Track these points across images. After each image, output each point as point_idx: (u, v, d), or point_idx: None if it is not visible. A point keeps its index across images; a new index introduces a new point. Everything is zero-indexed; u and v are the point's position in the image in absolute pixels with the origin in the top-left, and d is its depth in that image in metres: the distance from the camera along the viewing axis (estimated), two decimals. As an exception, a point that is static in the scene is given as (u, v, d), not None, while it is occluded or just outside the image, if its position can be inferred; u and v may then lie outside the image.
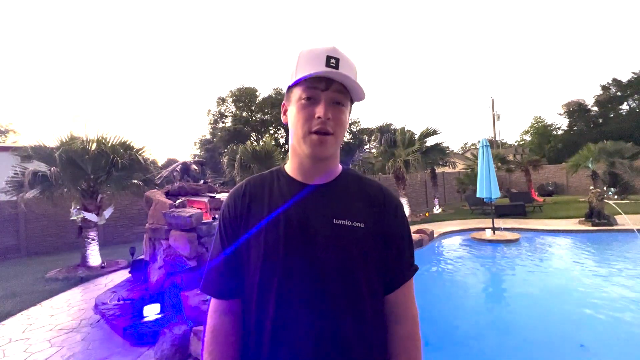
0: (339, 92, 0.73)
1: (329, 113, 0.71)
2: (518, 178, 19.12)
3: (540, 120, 37.70)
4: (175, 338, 2.71)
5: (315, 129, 0.71)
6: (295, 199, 0.77)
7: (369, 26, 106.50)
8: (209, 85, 62.31)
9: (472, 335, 3.29)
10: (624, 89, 27.72)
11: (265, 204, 0.78)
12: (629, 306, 3.67)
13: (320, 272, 0.72)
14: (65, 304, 4.38)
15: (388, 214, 0.79)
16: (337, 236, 0.73)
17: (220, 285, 0.79)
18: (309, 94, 0.72)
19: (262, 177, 0.86)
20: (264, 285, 0.73)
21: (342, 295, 0.72)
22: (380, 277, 0.78)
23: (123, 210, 9.52)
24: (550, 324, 3.39)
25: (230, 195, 0.85)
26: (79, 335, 3.36)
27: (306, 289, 0.71)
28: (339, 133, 0.74)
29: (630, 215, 8.05)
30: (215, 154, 23.27)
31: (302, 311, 0.70)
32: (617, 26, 73.04)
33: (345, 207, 0.77)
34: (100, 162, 6.01)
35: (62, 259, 7.34)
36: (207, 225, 3.76)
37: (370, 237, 0.75)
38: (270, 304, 0.72)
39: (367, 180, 0.85)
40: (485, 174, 7.49)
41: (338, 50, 0.73)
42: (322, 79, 0.71)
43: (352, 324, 0.72)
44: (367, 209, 0.78)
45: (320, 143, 0.72)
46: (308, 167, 0.79)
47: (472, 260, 6.07)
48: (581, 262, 5.52)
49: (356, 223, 0.75)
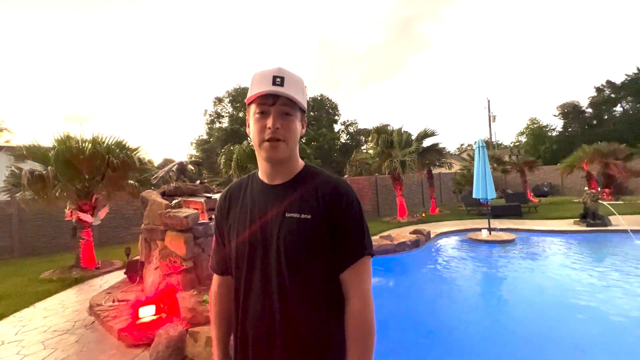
0: (286, 105, 0.84)
1: (277, 123, 0.83)
2: (514, 179, 19.24)
3: (535, 121, 37.99)
4: (171, 339, 2.69)
5: (267, 138, 0.84)
6: (259, 198, 0.92)
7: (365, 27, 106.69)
8: (205, 85, 62.11)
9: (467, 335, 3.30)
10: (617, 90, 28.05)
11: (240, 205, 0.95)
12: (624, 306, 3.70)
13: (274, 262, 0.84)
14: (59, 305, 4.34)
15: (335, 205, 0.86)
16: (287, 228, 0.85)
17: (215, 265, 1.04)
18: (261, 109, 0.85)
19: (240, 181, 1.03)
20: (237, 274, 0.92)
21: (291, 280, 0.83)
22: (328, 262, 0.86)
23: (118, 210, 9.45)
24: (544, 324, 3.41)
25: (218, 198, 1.05)
26: (73, 337, 3.32)
27: (263, 277, 0.85)
28: (289, 138, 0.86)
29: (624, 216, 8.13)
30: (212, 154, 23.20)
31: (260, 296, 0.85)
32: (611, 28, 73.90)
33: (295, 201, 0.88)
34: (95, 162, 5.96)
35: (57, 260, 7.27)
36: (204, 226, 3.74)
37: (316, 227, 0.84)
38: (239, 290, 0.90)
39: (322, 175, 0.93)
40: (481, 175, 7.53)
41: (284, 70, 0.86)
42: (270, 96, 0.83)
43: (299, 307, 0.83)
44: (316, 201, 0.87)
45: (272, 148, 0.85)
46: (269, 170, 0.92)
47: (468, 260, 6.09)
48: (576, 263, 5.55)
49: (303, 215, 0.85)
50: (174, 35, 75.41)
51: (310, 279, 0.84)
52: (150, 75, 72.13)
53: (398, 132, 11.82)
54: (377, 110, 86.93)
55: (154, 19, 77.19)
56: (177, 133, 66.25)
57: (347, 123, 31.38)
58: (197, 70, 67.17)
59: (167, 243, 3.70)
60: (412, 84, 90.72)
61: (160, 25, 76.71)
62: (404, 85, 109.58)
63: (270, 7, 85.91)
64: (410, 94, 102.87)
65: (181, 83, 66.26)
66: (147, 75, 72.51)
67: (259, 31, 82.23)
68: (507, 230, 7.98)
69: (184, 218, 3.53)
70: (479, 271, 5.52)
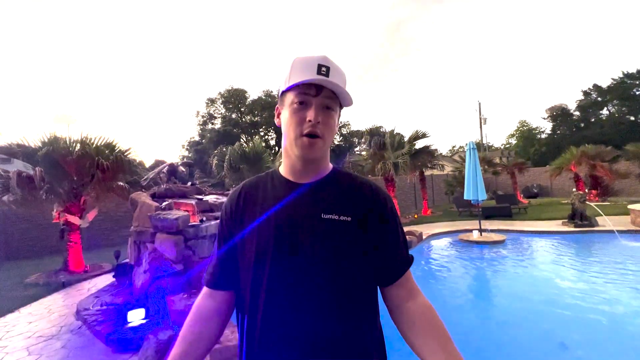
0: (329, 98, 0.77)
1: (319, 117, 0.75)
2: (504, 180, 19.53)
3: (525, 124, 38.69)
4: (160, 344, 2.64)
5: (306, 132, 0.75)
6: (286, 198, 0.80)
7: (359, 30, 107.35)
8: (197, 86, 61.64)
9: (457, 334, 3.33)
10: (604, 94, 28.73)
11: (259, 205, 0.82)
12: (610, 305, 3.78)
13: (308, 269, 0.73)
14: (45, 310, 4.23)
15: (376, 208, 0.80)
16: (325, 230, 0.75)
17: (213, 278, 0.85)
18: (301, 98, 0.76)
19: (257, 179, 0.90)
20: (256, 283, 0.75)
21: (329, 290, 0.73)
22: (371, 269, 0.79)
23: (108, 212, 9.29)
24: (533, 322, 3.46)
25: (228, 197, 0.90)
26: (59, 342, 3.25)
27: (293, 287, 0.73)
28: (327, 136, 0.78)
29: (610, 217, 8.31)
30: (204, 156, 23.00)
31: (289, 310, 0.72)
32: (599, 33, 75.82)
33: (332, 202, 0.79)
34: (84, 164, 5.85)
35: (43, 263, 7.10)
36: (194, 228, 3.70)
37: (357, 230, 0.76)
38: (260, 302, 0.74)
39: (356, 177, 0.87)
40: (472, 177, 7.62)
41: (329, 59, 0.77)
42: (313, 86, 0.75)
43: (339, 322, 0.72)
44: (355, 203, 0.79)
45: (310, 145, 0.76)
46: (299, 168, 0.82)
47: (460, 261, 6.15)
48: (564, 263, 5.66)
49: (343, 217, 0.76)
50: (166, 36, 74.77)
51: (351, 288, 0.75)
52: (141, 76, 71.34)
53: (391, 133, 11.92)
54: (370, 112, 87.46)
55: (145, 19, 76.45)
56: (169, 134, 65.53)
57: (340, 125, 31.52)
58: (189, 71, 66.72)
59: (157, 245, 3.65)
60: (404, 86, 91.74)
61: (152, 26, 76.00)
62: (396, 87, 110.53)
63: (262, 9, 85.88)
64: (403, 95, 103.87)
65: (173, 84, 65.61)
66: (138, 76, 71.71)
67: (252, 33, 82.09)
68: (498, 231, 8.08)
69: (175, 220, 3.49)
70: (470, 272, 5.57)
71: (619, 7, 66.62)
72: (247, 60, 71.79)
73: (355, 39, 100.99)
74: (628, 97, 27.31)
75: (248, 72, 69.94)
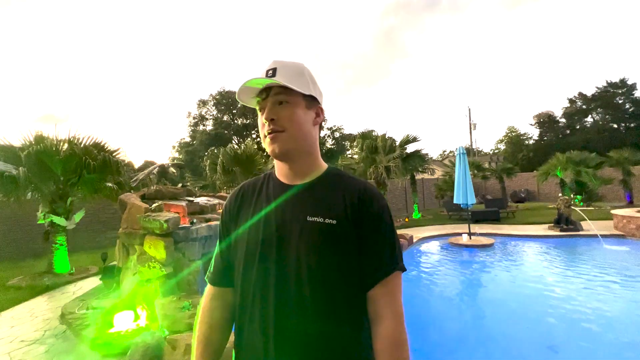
0: (280, 94, 0.78)
1: (271, 115, 0.78)
2: (493, 185, 19.86)
3: (513, 130, 39.45)
4: (148, 348, 2.60)
5: (266, 131, 0.79)
6: (276, 200, 0.82)
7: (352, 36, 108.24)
8: (189, 87, 61.10)
9: (446, 337, 3.37)
10: (588, 102, 29.57)
11: (253, 205, 0.84)
12: (594, 307, 3.87)
13: (292, 272, 0.74)
14: (28, 314, 4.11)
15: (363, 210, 0.77)
16: (309, 233, 0.75)
17: (213, 275, 0.89)
18: (260, 106, 0.82)
19: (255, 180, 0.92)
20: (246, 283, 0.78)
21: (312, 293, 0.72)
22: (356, 273, 0.76)
23: (95, 214, 9.09)
24: (520, 325, 3.52)
25: (229, 197, 0.93)
26: (43, 347, 3.16)
27: (278, 290, 0.74)
28: (289, 127, 0.78)
29: (594, 221, 8.53)
30: (195, 157, 22.77)
31: (274, 312, 0.73)
32: (585, 41, 78.10)
33: (319, 204, 0.78)
34: (71, 164, 5.73)
35: (27, 266, 6.90)
36: (185, 230, 3.65)
37: (342, 233, 0.75)
38: (247, 303, 0.77)
39: (347, 178, 0.85)
40: (462, 181, 7.73)
41: (277, 61, 0.80)
42: (263, 90, 0.80)
43: (323, 325, 0.72)
44: (342, 205, 0.77)
45: (273, 141, 0.78)
46: (285, 168, 0.84)
47: (449, 265, 6.23)
48: (550, 266, 5.79)
49: (328, 220, 0.75)
50: (157, 36, 74.04)
51: (334, 293, 0.74)
52: (132, 76, 70.37)
53: (382, 137, 12.02)
54: (362, 116, 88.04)
55: (137, 19, 75.58)
56: (160, 135, 64.73)
57: (333, 129, 31.62)
58: (181, 72, 66.13)
59: (146, 248, 3.59)
60: (396, 91, 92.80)
61: (144, 26, 75.18)
62: (388, 92, 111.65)
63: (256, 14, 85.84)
64: (394, 100, 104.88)
65: (164, 85, 64.96)
66: (129, 76, 70.71)
67: (245, 37, 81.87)
68: (487, 235, 8.21)
69: (164, 222, 3.44)
70: (459, 275, 5.65)
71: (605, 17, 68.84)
72: (239, 63, 71.57)
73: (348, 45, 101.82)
74: (611, 106, 28.20)
75: (240, 75, 69.69)
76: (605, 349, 2.98)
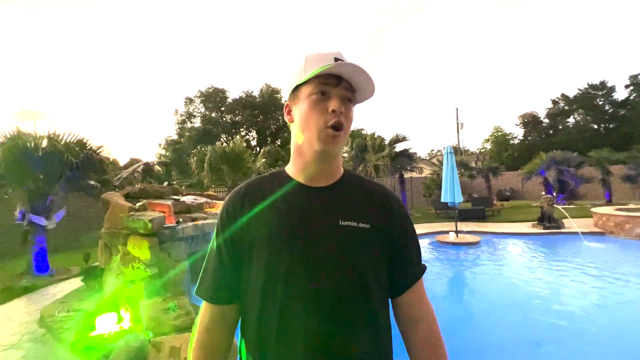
0: (349, 90, 0.73)
1: (342, 107, 0.71)
2: (479, 184, 20.25)
3: (499, 129, 40.35)
4: (132, 350, 2.53)
5: (332, 123, 0.70)
6: (300, 202, 0.75)
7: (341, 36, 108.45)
8: (176, 84, 60.01)
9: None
10: (570, 103, 30.53)
11: (267, 209, 0.75)
12: (576, 302, 3.99)
13: (331, 283, 0.69)
14: (4, 317, 3.95)
15: (391, 214, 0.78)
16: (345, 238, 0.71)
17: (213, 290, 0.77)
18: (322, 88, 0.71)
19: (261, 180, 0.83)
20: (268, 292, 0.70)
21: (352, 300, 0.69)
22: (388, 277, 0.77)
23: (77, 213, 8.83)
24: (506, 322, 3.59)
25: (228, 199, 0.81)
26: (20, 351, 3.04)
27: (313, 297, 0.68)
28: (347, 129, 0.74)
29: (575, 219, 8.81)
30: (183, 155, 22.39)
31: (307, 320, 0.67)
32: (568, 44, 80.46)
33: (350, 208, 0.75)
34: (52, 162, 5.53)
35: (4, 267, 6.63)
36: (170, 230, 3.58)
37: (377, 237, 0.74)
38: (274, 312, 0.69)
39: (368, 181, 0.84)
40: (450, 180, 7.84)
41: (343, 55, 0.74)
42: (333, 76, 0.71)
43: (362, 332, 0.70)
44: (371, 209, 0.77)
45: (334, 138, 0.71)
46: (313, 168, 0.76)
47: (437, 262, 6.31)
48: (534, 263, 5.95)
49: (362, 224, 0.73)
50: (144, 33, 72.30)
51: (373, 301, 0.72)
52: (117, 73, 68.52)
53: (372, 136, 12.10)
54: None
55: (123, 15, 73.55)
56: (146, 133, 63.38)
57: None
58: (168, 68, 64.81)
59: (130, 248, 3.50)
60: (385, 90, 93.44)
61: (129, 22, 73.20)
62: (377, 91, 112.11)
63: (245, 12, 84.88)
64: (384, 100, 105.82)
65: (151, 81, 63.59)
66: (114, 72, 68.79)
67: (233, 34, 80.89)
68: (473, 233, 8.36)
69: (149, 221, 3.36)
70: (446, 273, 5.73)
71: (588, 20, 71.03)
72: (227, 61, 70.65)
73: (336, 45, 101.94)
74: (591, 107, 29.16)
75: (228, 73, 68.90)
76: (587, 342, 3.06)
